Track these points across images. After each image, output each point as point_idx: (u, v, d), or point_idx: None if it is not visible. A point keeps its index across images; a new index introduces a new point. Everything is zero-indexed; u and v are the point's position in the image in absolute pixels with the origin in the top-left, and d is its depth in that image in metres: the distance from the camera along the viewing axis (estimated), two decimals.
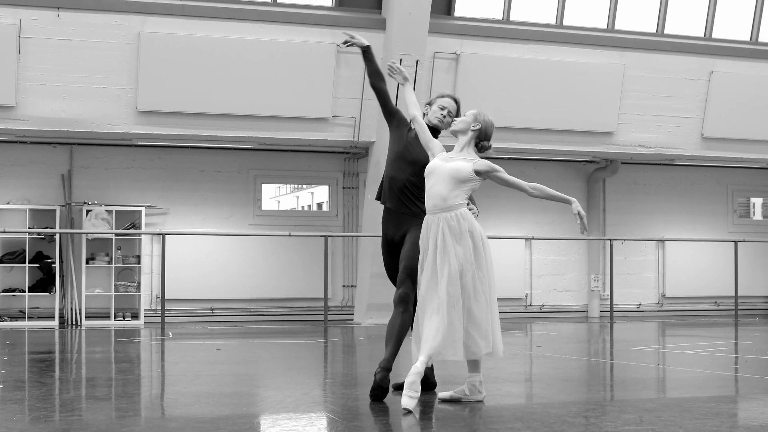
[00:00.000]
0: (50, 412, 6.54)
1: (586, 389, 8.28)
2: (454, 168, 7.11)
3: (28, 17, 16.16)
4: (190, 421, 6.09)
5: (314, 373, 9.75)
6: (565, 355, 11.43)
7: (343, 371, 9.89)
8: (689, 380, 8.85)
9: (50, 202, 17.99)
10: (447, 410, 6.75)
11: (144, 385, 8.62)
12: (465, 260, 6.99)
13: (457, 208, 7.06)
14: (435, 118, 7.69)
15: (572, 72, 18.85)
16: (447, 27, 18.14)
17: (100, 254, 18.02)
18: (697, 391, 8.00)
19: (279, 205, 46.73)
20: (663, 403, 7.24)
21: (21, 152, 18.01)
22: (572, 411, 6.63)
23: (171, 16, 16.79)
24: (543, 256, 20.99)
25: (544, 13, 19.15)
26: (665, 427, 5.83)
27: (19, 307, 17.77)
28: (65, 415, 6.41)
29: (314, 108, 17.43)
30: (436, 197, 7.09)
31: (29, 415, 6.41)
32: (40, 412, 6.54)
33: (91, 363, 10.73)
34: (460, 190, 7.11)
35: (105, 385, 8.37)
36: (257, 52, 17.11)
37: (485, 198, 20.01)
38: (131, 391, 8.00)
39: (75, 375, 9.41)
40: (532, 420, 6.23)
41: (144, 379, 9.17)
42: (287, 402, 7.06)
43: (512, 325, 17.46)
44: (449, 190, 7.07)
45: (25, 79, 16.25)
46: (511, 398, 7.59)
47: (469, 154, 7.35)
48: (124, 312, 18.09)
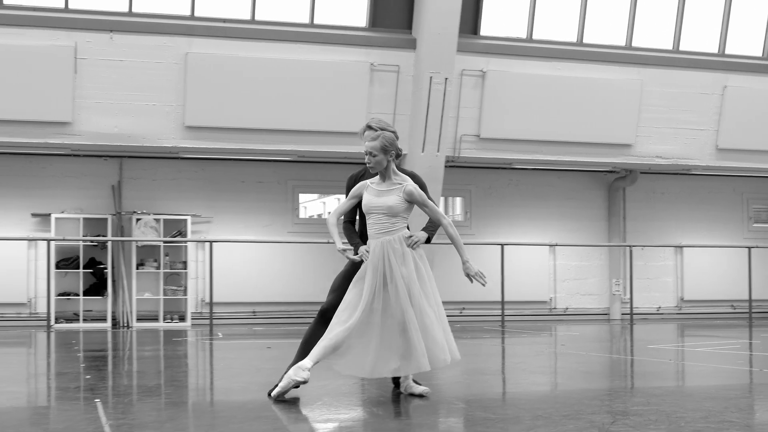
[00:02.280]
0: (118, 404, 7.58)
1: (604, 380, 9.28)
2: (388, 206, 7.37)
3: (83, 40, 17.23)
4: (266, 404, 7.16)
5: None
6: (587, 352, 12.41)
7: None
8: (697, 373, 9.89)
9: (102, 211, 19.03)
10: (478, 393, 7.80)
11: (218, 376, 9.67)
12: (410, 280, 7.37)
13: (398, 232, 7.41)
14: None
15: (593, 87, 19.74)
16: (474, 46, 19.06)
17: (149, 260, 19.03)
18: (702, 381, 9.05)
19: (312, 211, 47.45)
20: (669, 390, 8.27)
21: (74, 165, 19.06)
22: (590, 396, 7.66)
23: (215, 38, 17.79)
24: (566, 262, 21.90)
25: (565, 31, 20.00)
26: (668, 407, 6.85)
27: (73, 310, 18.72)
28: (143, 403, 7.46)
29: (349, 123, 18.29)
30: (377, 228, 7.44)
31: (84, 404, 7.48)
32: (97, 403, 7.59)
33: (154, 360, 11.77)
34: (400, 218, 7.42)
35: (181, 376, 9.40)
36: (296, 70, 18.06)
37: (511, 207, 21.10)
38: (211, 380, 9.07)
39: (143, 369, 10.46)
40: (555, 402, 7.29)
41: (217, 371, 10.21)
42: (329, 389, 8.12)
43: (537, 327, 18.41)
44: (391, 223, 7.41)
45: (80, 97, 17.28)
46: (537, 386, 8.63)
47: (396, 178, 7.50)
48: (172, 314, 19.09)
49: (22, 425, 6.32)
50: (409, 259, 7.38)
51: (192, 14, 17.91)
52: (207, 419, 6.63)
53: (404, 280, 7.32)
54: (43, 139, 17.33)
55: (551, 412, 6.62)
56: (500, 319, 19.27)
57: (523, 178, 21.52)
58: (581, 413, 6.53)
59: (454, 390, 8.05)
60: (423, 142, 18.45)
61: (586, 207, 21.99)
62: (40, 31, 17.06)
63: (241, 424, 6.23)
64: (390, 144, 7.42)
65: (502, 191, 21.40)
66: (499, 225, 21.30)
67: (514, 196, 21.51)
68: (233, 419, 6.43)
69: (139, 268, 18.95)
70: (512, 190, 21.50)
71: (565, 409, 6.79)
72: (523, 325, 18.95)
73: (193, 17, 17.88)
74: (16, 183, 18.80)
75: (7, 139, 17.22)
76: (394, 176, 7.48)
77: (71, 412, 6.76)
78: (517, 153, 19.65)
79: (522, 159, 19.87)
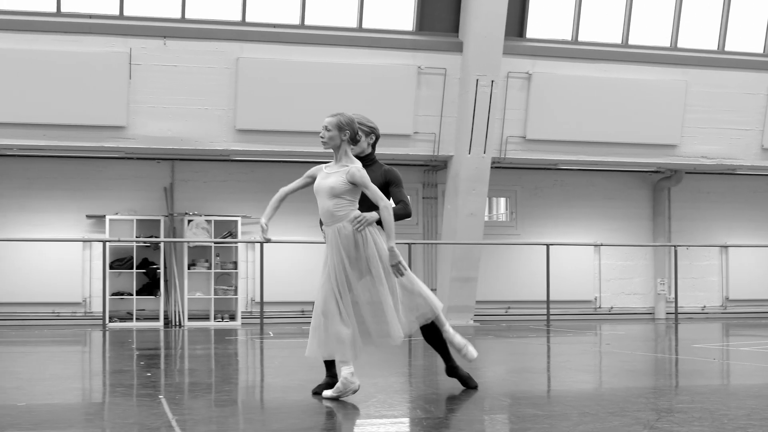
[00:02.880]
0: (173, 398, 7.92)
1: (649, 378, 9.50)
2: (329, 186, 7.45)
3: (137, 46, 17.66)
4: (323, 402, 7.48)
5: (399, 365, 11.07)
6: (632, 351, 12.62)
7: (423, 364, 11.14)
8: (741, 372, 10.10)
9: (154, 212, 19.46)
10: (526, 391, 8.07)
11: (274, 374, 10.00)
12: (369, 262, 7.45)
13: (345, 217, 7.43)
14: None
15: (638, 88, 19.93)
16: (520, 48, 19.32)
17: (201, 260, 19.41)
18: (746, 380, 9.26)
19: None
20: (713, 388, 8.50)
21: (128, 167, 19.51)
22: (635, 393, 7.90)
23: (266, 43, 18.18)
24: (611, 261, 22.07)
25: (610, 33, 20.22)
26: (712, 405, 7.08)
27: (127, 309, 19.15)
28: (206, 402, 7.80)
29: (397, 125, 18.62)
30: (324, 213, 7.52)
31: (149, 401, 7.83)
32: (154, 398, 7.94)
33: (209, 358, 12.13)
34: (343, 200, 7.45)
35: (231, 372, 9.74)
36: (344, 74, 18.40)
37: (556, 207, 21.31)
38: (261, 377, 9.40)
39: (199, 366, 10.81)
40: (600, 399, 7.55)
41: (273, 369, 10.54)
42: (381, 386, 8.43)
43: (582, 326, 18.62)
44: (333, 204, 7.47)
45: (135, 102, 17.72)
46: (584, 384, 8.88)
47: (347, 161, 7.55)
48: (223, 314, 19.47)
49: (94, 419, 6.67)
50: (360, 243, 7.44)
51: (243, 20, 18.31)
52: (268, 415, 6.95)
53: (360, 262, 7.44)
54: (98, 143, 17.78)
55: (597, 409, 6.87)
56: (545, 319, 19.49)
57: (569, 179, 21.72)
58: (626, 410, 6.78)
59: (502, 387, 8.30)
60: (469, 143, 18.72)
61: (631, 207, 22.15)
62: (97, 38, 17.53)
63: (301, 420, 6.55)
64: (347, 124, 7.53)
65: (548, 192, 21.61)
66: (544, 225, 21.52)
67: (560, 196, 21.71)
68: (293, 415, 6.75)
69: (191, 268, 19.33)
70: (557, 190, 21.71)
71: (610, 406, 7.04)
72: (568, 324, 19.16)
73: (244, 23, 18.28)
74: (72, 186, 19.26)
75: (64, 143, 17.70)
76: (345, 159, 7.54)
77: (138, 408, 7.09)
78: (563, 154, 19.87)
79: (567, 160, 20.09)
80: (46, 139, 17.63)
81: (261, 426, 6.38)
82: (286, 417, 6.71)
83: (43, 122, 17.49)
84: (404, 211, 7.82)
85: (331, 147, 7.59)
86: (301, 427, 6.35)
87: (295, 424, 6.43)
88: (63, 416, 6.84)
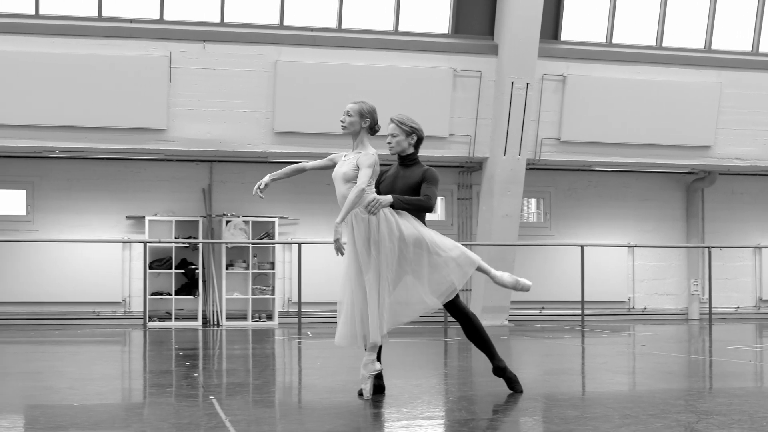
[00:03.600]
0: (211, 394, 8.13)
1: (685, 380, 9.64)
2: (343, 172, 7.58)
3: (177, 49, 17.93)
4: (366, 402, 7.67)
5: (440, 366, 11.26)
6: (667, 352, 12.75)
7: (462, 365, 11.32)
8: None
9: (193, 213, 19.73)
10: (566, 392, 8.24)
11: (317, 375, 10.18)
12: (379, 244, 7.51)
13: (361, 203, 7.44)
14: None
15: (672, 90, 20.03)
16: (554, 51, 19.46)
17: (238, 261, 19.66)
18: None
19: None
20: (750, 390, 8.63)
21: (166, 169, 19.79)
22: (673, 395, 8.05)
23: (304, 46, 18.41)
24: (645, 262, 22.17)
25: (644, 35, 20.32)
26: (750, 407, 7.22)
27: (166, 309, 19.41)
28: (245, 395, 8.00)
29: (433, 127, 18.61)
30: (340, 199, 7.56)
31: (176, 399, 8.05)
32: (190, 396, 8.15)
33: (255, 358, 12.34)
34: (352, 184, 7.50)
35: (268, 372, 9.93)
36: (380, 77, 18.59)
37: (590, 208, 21.43)
38: (299, 377, 9.61)
39: (241, 366, 11.02)
40: (640, 401, 7.71)
41: (314, 369, 10.74)
42: (425, 387, 8.61)
43: (616, 326, 18.73)
44: (347, 190, 7.51)
45: (174, 105, 17.98)
46: (621, 386, 9.05)
47: (362, 149, 7.66)
48: (260, 313, 19.71)
49: (149, 419, 6.89)
50: (375, 223, 7.50)
51: (281, 23, 18.55)
52: (317, 415, 7.13)
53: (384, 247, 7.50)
54: (139, 145, 18.06)
55: (638, 411, 7.03)
56: (580, 319, 19.63)
57: (602, 180, 21.84)
58: (666, 413, 6.94)
59: (540, 389, 8.44)
60: (505, 145, 18.88)
61: (664, 208, 22.24)
62: (137, 42, 17.81)
63: (350, 421, 6.76)
64: (368, 112, 7.68)
65: (582, 193, 21.74)
66: (578, 226, 21.65)
67: (593, 197, 21.83)
68: (341, 416, 6.94)
69: (229, 269, 19.57)
70: (591, 191, 21.83)
71: (650, 408, 7.19)
72: (603, 324, 19.27)
73: (282, 26, 18.52)
74: (113, 187, 19.55)
75: (105, 145, 17.99)
76: (360, 146, 7.66)
77: (190, 408, 7.29)
78: (597, 155, 20.00)
79: (602, 161, 20.22)
80: (87, 141, 17.92)
81: (311, 426, 6.57)
82: (335, 418, 6.90)
83: (85, 125, 17.78)
84: (423, 203, 7.81)
85: (351, 132, 7.71)
86: (351, 427, 6.54)
87: (344, 424, 6.62)
88: (119, 416, 7.06)
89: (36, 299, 19.05)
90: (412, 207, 7.79)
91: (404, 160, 8.09)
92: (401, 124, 8.03)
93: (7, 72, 17.40)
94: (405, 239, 7.59)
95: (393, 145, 8.02)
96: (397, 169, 8.14)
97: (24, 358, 11.97)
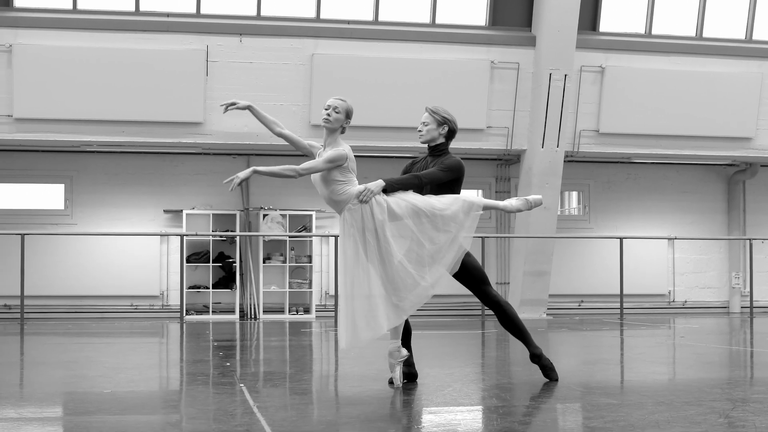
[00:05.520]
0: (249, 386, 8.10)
1: (724, 370, 9.51)
2: (319, 175, 7.52)
3: (214, 43, 17.96)
4: (400, 389, 7.62)
5: (474, 356, 11.19)
6: (706, 344, 12.61)
7: (498, 355, 11.26)
8: None
9: (230, 207, 19.75)
10: (601, 381, 8.15)
11: (351, 364, 10.16)
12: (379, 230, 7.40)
13: (348, 198, 7.40)
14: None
15: (712, 81, 19.80)
16: (593, 42, 19.29)
17: (276, 254, 19.66)
18: None
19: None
20: None
21: (204, 163, 19.82)
22: (710, 384, 7.94)
23: (340, 39, 18.37)
24: (685, 255, 21.95)
25: (684, 26, 20.11)
26: None
27: (203, 302, 19.43)
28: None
29: (470, 119, 18.69)
30: (328, 202, 7.56)
31: (207, 387, 8.03)
32: (230, 387, 8.12)
33: (292, 349, 12.33)
34: (337, 184, 7.42)
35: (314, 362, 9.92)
36: (417, 69, 18.52)
37: (629, 201, 21.25)
38: (336, 366, 9.58)
39: (277, 357, 11.01)
40: (675, 389, 7.62)
41: (349, 359, 10.72)
42: (456, 376, 8.55)
43: (656, 319, 18.58)
44: (326, 188, 7.48)
45: (211, 99, 17.99)
46: (657, 375, 8.94)
47: (336, 145, 7.52)
48: (297, 307, 19.71)
49: (177, 405, 6.88)
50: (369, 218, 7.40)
51: (317, 16, 18.52)
52: (347, 402, 7.10)
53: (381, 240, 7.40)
54: (176, 139, 18.10)
55: (672, 398, 6.94)
56: (619, 312, 19.48)
57: (642, 172, 21.65)
58: (701, 400, 6.84)
59: (575, 377, 8.36)
60: (543, 137, 18.76)
61: (704, 200, 22.01)
62: (174, 35, 17.84)
63: (379, 408, 6.71)
64: (351, 113, 7.56)
65: (621, 185, 21.56)
66: (617, 219, 21.48)
67: (632, 190, 21.65)
68: (373, 403, 6.90)
69: (266, 262, 19.56)
70: (631, 184, 21.64)
71: (685, 396, 7.10)
72: (642, 318, 19.12)
73: (319, 19, 18.49)
74: (150, 181, 19.61)
75: (142, 139, 18.03)
76: (335, 144, 7.52)
77: (218, 395, 7.28)
78: (637, 147, 19.83)
79: (641, 153, 20.05)
80: (125, 135, 17.98)
81: (342, 412, 6.54)
82: (364, 405, 6.87)
83: (122, 119, 17.85)
84: (412, 180, 7.71)
85: (332, 128, 7.56)
86: (381, 414, 6.50)
87: (375, 411, 6.59)
88: (147, 402, 7.06)
89: (74, 293, 19.14)
90: (403, 187, 7.70)
91: (433, 150, 8.06)
92: (434, 113, 8.02)
93: (45, 67, 17.49)
94: (399, 215, 7.48)
95: (423, 133, 8.01)
96: (426, 160, 8.11)
97: (60, 349, 12.01)
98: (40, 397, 7.32)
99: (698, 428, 5.69)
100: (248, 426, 5.86)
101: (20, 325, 16.41)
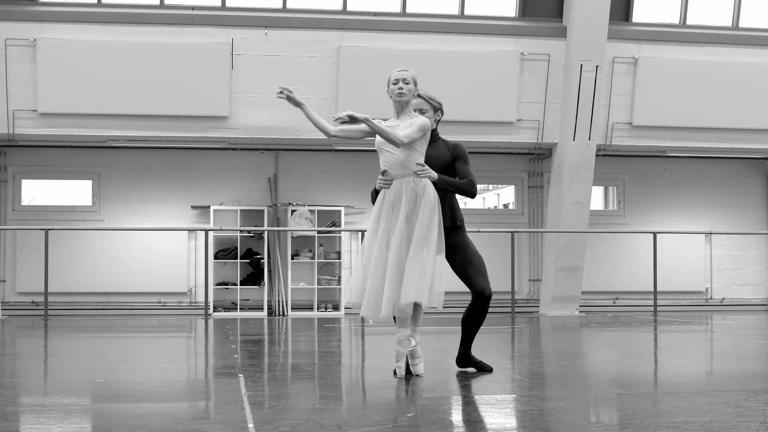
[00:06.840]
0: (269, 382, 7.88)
1: (748, 362, 9.17)
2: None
3: (239, 36, 17.80)
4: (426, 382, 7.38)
5: (505, 348, 10.92)
6: (736, 338, 12.25)
7: (524, 348, 10.99)
8: None
9: (258, 203, 19.58)
10: (608, 371, 7.84)
11: (379, 359, 9.95)
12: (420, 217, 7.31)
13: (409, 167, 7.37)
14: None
15: (749, 72, 19.37)
16: (625, 33, 18.95)
17: (304, 250, 19.47)
18: None
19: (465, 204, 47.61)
20: None
21: (232, 158, 19.67)
22: (728, 375, 7.63)
23: (367, 31, 18.14)
24: (723, 251, 21.51)
25: (719, 15, 19.71)
26: None
27: (231, 299, 19.33)
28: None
29: (500, 112, 18.45)
30: (396, 163, 7.41)
31: (246, 388, 7.81)
32: (256, 386, 7.90)
33: (321, 343, 12.14)
34: (414, 152, 7.37)
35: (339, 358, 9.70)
36: (446, 62, 18.25)
37: (665, 196, 20.85)
38: (362, 360, 9.35)
39: (304, 350, 10.80)
40: (709, 382, 7.31)
41: (376, 355, 10.50)
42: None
43: (691, 317, 18.17)
44: (406, 156, 7.37)
45: (237, 92, 17.86)
46: (693, 368, 8.60)
47: (411, 115, 7.49)
48: (326, 303, 19.52)
49: (198, 395, 6.70)
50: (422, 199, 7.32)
51: (344, 9, 18.32)
52: (367, 392, 6.92)
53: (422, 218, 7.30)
54: (201, 134, 17.96)
55: (682, 389, 6.64)
56: (653, 309, 19.10)
57: (678, 166, 21.23)
58: (714, 391, 6.54)
59: (589, 370, 8.10)
60: (574, 130, 18.43)
61: (743, 195, 21.54)
62: (199, 29, 17.72)
63: (397, 398, 6.47)
64: (416, 80, 7.52)
65: (656, 180, 21.15)
66: (653, 214, 21.08)
67: (669, 184, 21.23)
68: (393, 393, 6.67)
69: (294, 258, 19.38)
70: (666, 178, 21.22)
71: (698, 386, 6.81)
72: (677, 315, 18.72)
73: (345, 11, 18.29)
74: (177, 177, 19.49)
75: (168, 133, 17.92)
76: (410, 114, 7.50)
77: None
78: (672, 140, 19.45)
79: (676, 146, 19.65)
80: (150, 129, 17.87)
81: (347, 400, 6.31)
82: (368, 394, 6.73)
83: (148, 113, 17.74)
84: (469, 188, 7.64)
85: (406, 101, 7.50)
86: (400, 405, 6.25)
87: (394, 399, 6.39)
88: (167, 391, 6.89)
89: (102, 289, 19.05)
90: (454, 190, 7.63)
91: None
92: (430, 99, 7.82)
93: (70, 61, 17.41)
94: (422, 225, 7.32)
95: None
96: None
97: (88, 344, 11.93)
98: (66, 386, 7.22)
99: (703, 417, 5.39)
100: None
101: (44, 321, 16.31)
